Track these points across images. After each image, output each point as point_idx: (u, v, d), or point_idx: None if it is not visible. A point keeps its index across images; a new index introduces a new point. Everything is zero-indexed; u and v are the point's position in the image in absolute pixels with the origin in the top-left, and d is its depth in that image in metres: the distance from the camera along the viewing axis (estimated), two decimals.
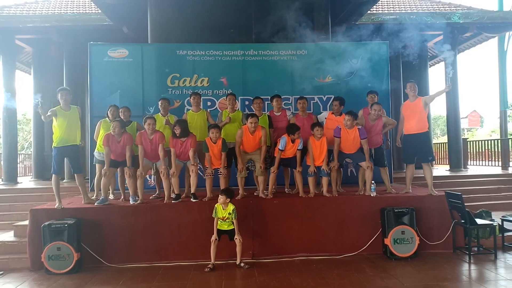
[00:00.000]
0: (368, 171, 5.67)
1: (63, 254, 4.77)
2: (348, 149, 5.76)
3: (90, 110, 7.16)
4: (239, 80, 7.37)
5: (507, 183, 8.88)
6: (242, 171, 5.62)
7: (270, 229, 5.38)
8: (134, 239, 5.21)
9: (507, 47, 11.29)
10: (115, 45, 7.29)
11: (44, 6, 10.47)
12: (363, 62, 7.49)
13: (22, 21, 9.44)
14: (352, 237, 5.41)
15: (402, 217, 5.22)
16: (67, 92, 5.56)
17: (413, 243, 5.15)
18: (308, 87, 7.36)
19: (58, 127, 5.40)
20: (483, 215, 5.90)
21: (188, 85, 7.28)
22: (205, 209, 5.21)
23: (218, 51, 7.35)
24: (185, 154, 5.52)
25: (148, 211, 5.33)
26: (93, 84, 7.18)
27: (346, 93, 7.29)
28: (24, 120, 24.84)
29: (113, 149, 5.49)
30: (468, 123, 35.33)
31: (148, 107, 7.15)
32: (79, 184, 5.65)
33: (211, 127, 5.50)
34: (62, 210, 5.23)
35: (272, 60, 7.43)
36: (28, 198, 7.82)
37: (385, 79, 7.50)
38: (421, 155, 5.83)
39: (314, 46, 7.68)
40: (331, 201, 5.57)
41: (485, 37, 11.52)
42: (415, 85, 5.89)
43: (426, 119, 5.91)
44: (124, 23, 9.20)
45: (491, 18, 10.38)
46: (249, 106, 7.05)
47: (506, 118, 11.55)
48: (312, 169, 5.67)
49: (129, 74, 7.20)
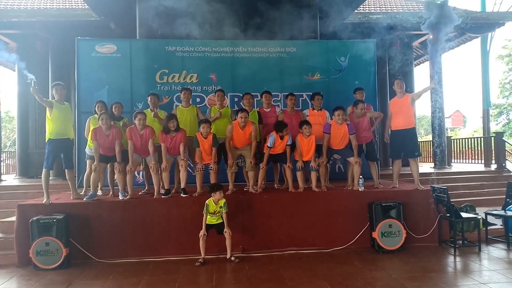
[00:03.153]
0: (356, 166, 5.76)
1: (51, 250, 4.73)
2: (337, 144, 5.84)
3: (77, 106, 7.07)
4: (228, 76, 7.39)
5: (489, 179, 9.12)
6: (233, 166, 5.65)
7: (260, 223, 5.42)
8: (124, 234, 5.19)
9: (489, 47, 11.55)
10: (103, 41, 7.22)
11: (29, 0, 10.30)
12: (351, 60, 7.61)
13: (6, 15, 9.24)
14: (341, 231, 5.49)
15: (390, 211, 5.32)
16: (61, 87, 5.56)
17: (400, 236, 5.25)
18: (297, 84, 7.43)
19: (53, 119, 5.37)
20: (467, 209, 6.05)
21: (177, 81, 7.26)
22: (195, 204, 5.22)
23: (207, 47, 7.35)
24: (175, 149, 5.52)
25: (137, 206, 5.31)
26: (80, 80, 7.09)
27: (334, 90, 7.43)
28: (6, 118, 24.33)
29: (101, 143, 5.45)
30: (452, 122, 35.93)
31: (137, 103, 7.09)
32: (69, 179, 5.62)
33: (202, 122, 5.51)
34: (50, 205, 5.18)
35: (261, 57, 7.47)
36: (13, 196, 7.71)
37: (372, 77, 7.62)
38: (408, 150, 5.94)
39: (303, 43, 7.75)
40: (320, 195, 5.64)
41: (469, 37, 11.75)
42: (403, 82, 6.00)
43: (413, 116, 6.03)
44: (112, 19, 9.11)
45: (474, 18, 10.59)
46: (238, 103, 7.07)
47: (488, 117, 11.82)
48: (300, 164, 5.72)
49: (117, 70, 7.13)
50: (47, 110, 5.40)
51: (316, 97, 6.23)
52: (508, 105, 26.68)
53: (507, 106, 26.69)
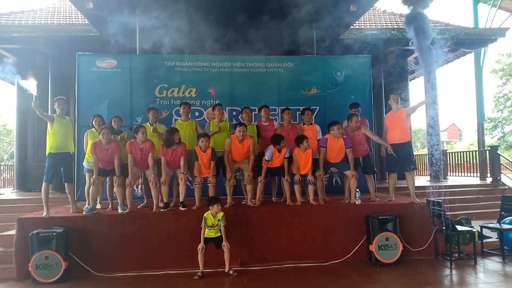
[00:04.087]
0: (353, 179, 5.84)
1: (51, 263, 4.74)
2: (334, 158, 5.92)
3: (77, 120, 7.14)
4: (226, 91, 7.50)
5: (485, 193, 9.20)
6: (231, 179, 5.71)
7: (258, 237, 5.46)
8: (123, 248, 5.21)
9: (483, 62, 11.75)
10: (103, 56, 7.35)
11: (30, 16, 10.45)
12: (347, 75, 7.75)
13: (7, 30, 9.37)
14: (338, 244, 5.53)
15: (386, 224, 5.38)
16: (64, 102, 5.65)
17: (397, 249, 5.30)
18: (294, 98, 7.56)
19: (54, 133, 5.44)
20: (463, 222, 6.12)
21: (176, 95, 7.37)
22: (194, 218, 5.26)
23: (206, 62, 7.49)
24: (176, 162, 5.58)
25: (136, 219, 5.35)
26: (80, 94, 7.19)
27: (330, 104, 7.55)
28: (4, 131, 24.35)
29: (100, 157, 5.51)
30: (447, 136, 36.18)
31: (136, 117, 7.19)
32: (69, 193, 5.67)
33: (201, 136, 5.59)
34: (50, 219, 5.20)
35: (259, 72, 7.61)
36: (11, 210, 7.69)
37: (368, 91, 7.76)
38: (404, 164, 6.02)
39: (300, 59, 7.91)
40: (318, 209, 5.69)
41: (462, 53, 11.96)
42: (398, 96, 6.12)
43: (408, 129, 6.13)
44: (112, 34, 9.25)
45: (467, 34, 10.84)
46: (236, 117, 7.18)
47: (483, 131, 11.94)
48: (297, 177, 5.80)
49: (117, 84, 7.25)
50: (48, 124, 5.47)
51: (306, 112, 6.37)
52: (502, 119, 26.94)
53: (502, 119, 26.94)
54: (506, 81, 26.49)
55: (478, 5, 12.68)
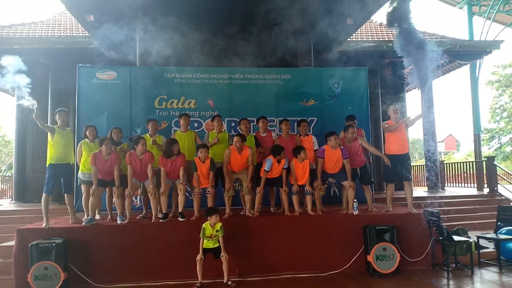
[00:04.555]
0: (350, 190, 5.89)
1: (50, 274, 4.74)
2: (331, 169, 5.98)
3: (77, 131, 7.17)
4: (225, 102, 7.59)
5: (482, 203, 9.25)
6: (230, 190, 5.76)
7: (257, 247, 5.48)
8: (122, 259, 5.22)
9: (478, 74, 11.91)
10: (103, 67, 7.42)
11: (31, 28, 10.58)
12: (344, 87, 7.85)
13: (8, 43, 9.48)
14: (336, 254, 5.56)
15: (384, 234, 5.42)
16: (65, 113, 5.72)
17: (394, 259, 5.33)
18: (292, 109, 7.63)
19: (54, 144, 5.49)
20: (460, 232, 6.15)
21: (175, 106, 7.45)
22: (193, 228, 5.28)
23: (205, 74, 7.59)
24: (175, 173, 5.63)
25: (135, 230, 5.38)
26: (81, 106, 7.26)
27: (328, 116, 7.63)
28: (2, 142, 24.35)
29: (100, 168, 5.55)
30: (445, 146, 36.31)
31: (136, 128, 7.24)
32: (68, 204, 5.69)
33: (200, 146, 5.65)
34: (50, 229, 5.22)
35: (257, 84, 7.70)
36: (9, 221, 7.71)
37: (364, 103, 7.85)
38: (402, 175, 6.08)
39: (298, 71, 8.02)
40: (316, 219, 5.73)
41: (458, 64, 12.14)
42: (398, 108, 6.21)
43: (406, 141, 6.20)
44: (112, 46, 9.36)
45: (463, 46, 11.02)
46: (235, 128, 7.25)
47: (479, 142, 12.05)
48: (295, 188, 5.85)
49: (117, 96, 7.32)
50: (48, 136, 5.53)
51: (302, 124, 6.46)
52: (499, 130, 27.12)
53: (499, 130, 27.12)
54: (502, 92, 26.75)
55: (473, 18, 12.90)
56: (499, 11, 12.51)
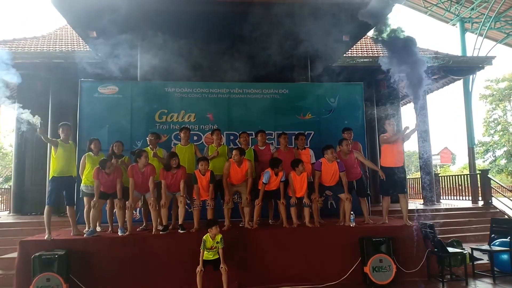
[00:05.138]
0: (347, 202, 6.02)
1: (52, 285, 4.80)
2: (328, 181, 6.11)
3: (78, 144, 7.29)
4: (224, 116, 7.74)
5: (477, 216, 9.37)
6: (229, 202, 5.87)
7: (255, 259, 5.57)
8: (123, 270, 5.29)
9: (471, 89, 12.16)
10: (105, 82, 7.56)
11: (33, 42, 10.75)
12: (340, 101, 8.03)
13: (11, 57, 9.60)
14: (334, 266, 5.65)
15: (380, 246, 5.53)
16: (68, 127, 5.84)
17: (391, 271, 5.43)
18: (290, 123, 7.78)
19: (58, 158, 5.60)
20: (454, 244, 6.26)
21: (175, 120, 7.58)
22: (193, 240, 5.36)
23: (205, 89, 7.75)
24: (175, 185, 5.74)
25: (136, 242, 5.46)
26: (82, 119, 7.38)
27: (325, 129, 7.79)
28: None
29: (102, 182, 5.66)
30: (440, 159, 36.55)
31: (136, 141, 7.36)
32: (70, 216, 5.77)
33: (200, 159, 5.78)
34: (52, 241, 5.29)
35: (256, 98, 7.87)
36: (9, 233, 7.74)
37: (360, 116, 8.02)
38: (397, 187, 6.21)
39: (295, 85, 8.22)
40: (313, 231, 5.84)
41: (452, 79, 12.39)
42: (394, 122, 6.38)
43: (402, 154, 6.35)
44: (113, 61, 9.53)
45: (456, 62, 11.28)
46: (234, 141, 7.40)
47: (474, 155, 12.24)
48: (293, 200, 5.97)
49: (118, 110, 7.45)
50: (52, 149, 5.64)
51: (300, 137, 6.59)
52: (493, 143, 27.42)
53: (493, 143, 27.43)
54: (496, 106, 27.14)
55: (465, 35, 13.23)
56: (490, 28, 12.86)
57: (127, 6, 6.62)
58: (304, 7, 7.09)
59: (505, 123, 27.28)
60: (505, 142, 26.76)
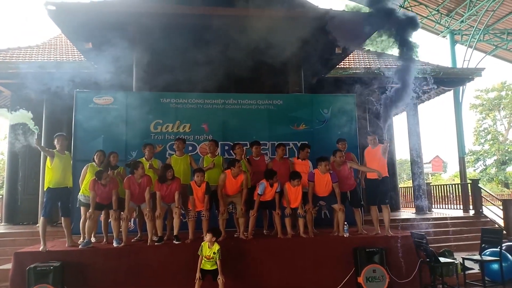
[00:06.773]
0: (340, 213, 6.09)
1: None
2: (322, 192, 6.18)
3: (73, 154, 7.28)
4: (219, 126, 7.79)
5: (468, 225, 9.49)
6: (224, 213, 5.91)
7: (251, 269, 5.61)
8: (118, 281, 5.29)
9: (462, 99, 12.39)
10: (101, 93, 7.58)
11: (27, 52, 10.76)
12: (333, 112, 8.13)
13: (6, 67, 9.63)
14: (328, 276, 5.70)
15: (373, 256, 5.60)
16: (64, 138, 5.85)
17: (384, 281, 5.50)
18: (284, 133, 7.86)
19: (53, 168, 5.60)
20: (446, 254, 6.37)
21: (170, 130, 7.62)
22: (188, 251, 5.41)
23: (200, 99, 7.82)
24: (170, 197, 5.78)
25: (132, 253, 5.48)
26: (77, 129, 7.39)
27: (318, 140, 7.87)
28: None
29: (98, 193, 5.67)
30: (432, 168, 36.87)
31: (131, 152, 7.37)
32: (65, 227, 5.76)
33: (196, 171, 5.83)
34: (47, 252, 5.29)
35: (250, 109, 7.94)
36: (1, 243, 7.67)
37: (353, 127, 8.13)
38: (381, 198, 6.32)
39: (289, 96, 8.32)
40: (308, 241, 5.90)
41: (442, 90, 12.61)
42: (375, 136, 6.48)
43: (385, 166, 6.41)
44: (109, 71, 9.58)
45: (446, 73, 11.50)
46: (228, 151, 7.44)
47: (464, 164, 12.44)
48: (288, 211, 6.03)
49: (113, 120, 7.44)
50: (47, 159, 5.64)
51: (306, 149, 6.62)
52: (484, 152, 27.78)
53: (483, 152, 27.78)
54: (486, 116, 27.55)
55: (455, 46, 13.50)
56: (479, 40, 13.14)
57: (122, 19, 6.71)
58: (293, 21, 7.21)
59: (495, 132, 27.69)
60: (495, 151, 27.13)
